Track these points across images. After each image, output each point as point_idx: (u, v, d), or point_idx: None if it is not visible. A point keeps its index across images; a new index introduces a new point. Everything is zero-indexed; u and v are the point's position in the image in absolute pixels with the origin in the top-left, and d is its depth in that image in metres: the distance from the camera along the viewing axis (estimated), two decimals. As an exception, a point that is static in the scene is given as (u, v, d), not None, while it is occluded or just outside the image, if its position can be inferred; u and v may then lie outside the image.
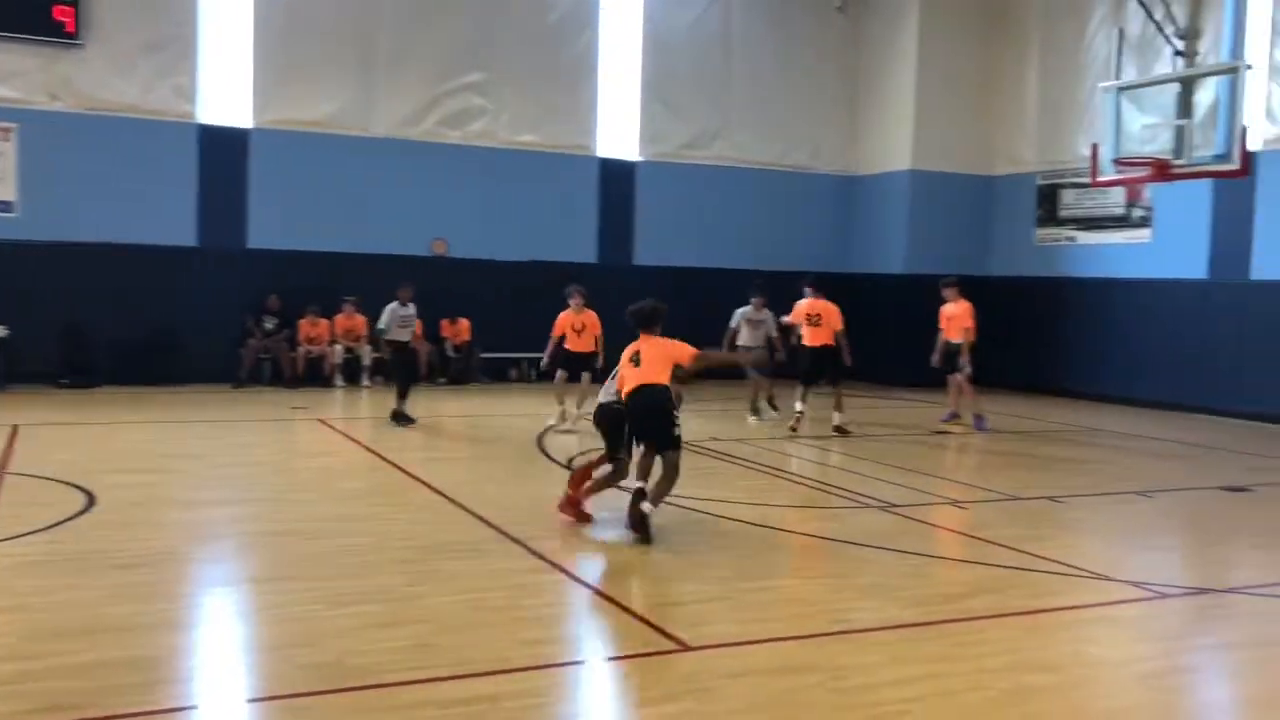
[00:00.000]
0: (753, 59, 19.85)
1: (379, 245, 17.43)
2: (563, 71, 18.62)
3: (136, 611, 5.65)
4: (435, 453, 11.29)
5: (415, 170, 17.73)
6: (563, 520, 7.93)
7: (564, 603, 6.26)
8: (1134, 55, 16.37)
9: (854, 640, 5.52)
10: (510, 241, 18.29)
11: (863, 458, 11.35)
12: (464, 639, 5.34)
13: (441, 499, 8.74)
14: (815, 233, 20.50)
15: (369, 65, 17.46)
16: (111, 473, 9.31)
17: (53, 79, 15.78)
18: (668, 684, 4.91)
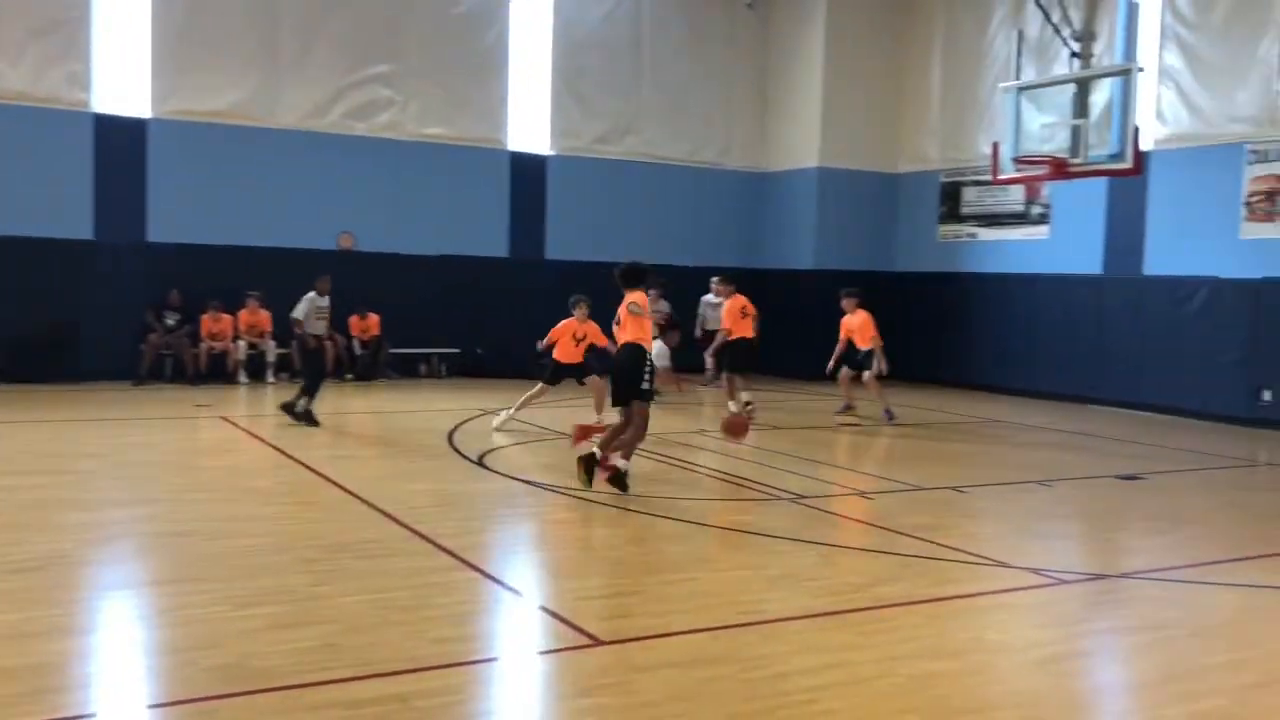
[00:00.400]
0: (664, 54, 19.92)
1: (284, 239, 17.09)
2: (472, 64, 18.45)
3: (28, 618, 5.46)
4: (342, 450, 11.11)
5: (321, 163, 17.41)
6: (607, 483, 8.72)
7: (475, 600, 6.21)
8: (1033, 56, 16.82)
9: (765, 630, 5.58)
10: (420, 236, 18.08)
11: (773, 450, 11.48)
12: (372, 638, 5.27)
13: (349, 497, 8.61)
14: (726, 228, 20.67)
15: (273, 55, 17.08)
16: (2, 474, 8.97)
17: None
18: (581, 679, 4.91)
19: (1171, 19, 15.61)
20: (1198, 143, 15.36)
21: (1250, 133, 14.75)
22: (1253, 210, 14.80)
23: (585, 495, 8.78)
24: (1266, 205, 14.64)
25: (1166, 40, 15.70)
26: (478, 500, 8.94)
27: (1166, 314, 15.70)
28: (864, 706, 4.61)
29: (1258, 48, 14.62)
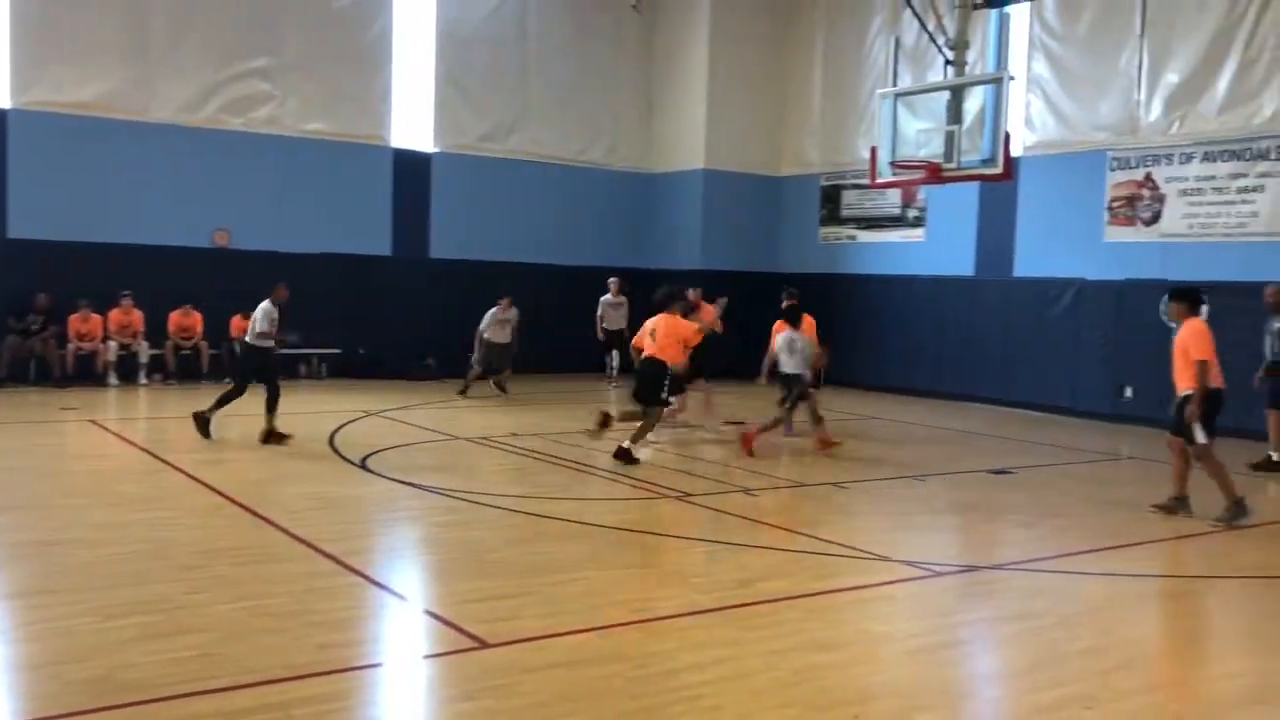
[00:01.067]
0: (550, 53, 19.87)
1: (158, 237, 16.52)
2: (354, 58, 18.12)
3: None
4: (219, 453, 10.79)
5: (197, 158, 16.89)
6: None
7: (358, 605, 6.10)
8: (910, 63, 17.32)
9: (651, 628, 5.62)
10: (300, 233, 17.67)
11: (660, 449, 11.55)
12: (251, 646, 5.14)
13: (225, 501, 8.38)
14: (612, 229, 20.73)
15: (145, 46, 16.49)
16: None
17: None
18: (467, 682, 4.86)
19: (1040, 30, 16.24)
20: (1064, 150, 16.01)
21: (1112, 140, 15.44)
22: (1115, 215, 15.49)
23: (470, 498, 8.71)
24: (1127, 210, 15.34)
25: (1035, 50, 16.32)
26: (360, 504, 8.79)
27: (1035, 314, 16.31)
28: (749, 700, 4.67)
29: (1119, 60, 15.30)
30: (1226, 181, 14.25)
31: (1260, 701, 4.95)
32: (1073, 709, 4.73)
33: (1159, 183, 14.97)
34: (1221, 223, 14.34)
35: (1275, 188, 13.80)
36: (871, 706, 4.69)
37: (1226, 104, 14.22)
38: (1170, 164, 14.84)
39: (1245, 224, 14.09)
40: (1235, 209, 14.20)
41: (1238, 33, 14.09)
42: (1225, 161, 14.27)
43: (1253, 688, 5.13)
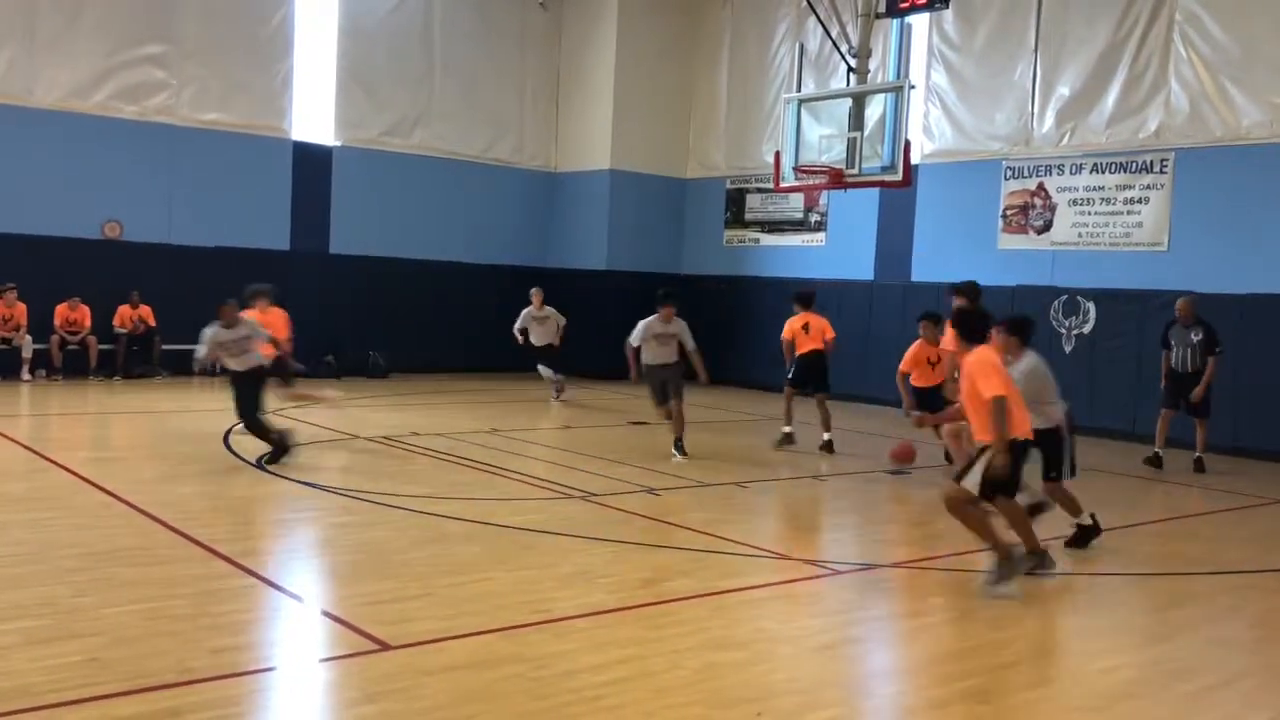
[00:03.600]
0: (456, 48, 19.69)
1: (43, 227, 15.90)
2: (254, 48, 17.70)
3: None
4: (107, 451, 10.44)
5: (86, 146, 16.31)
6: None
7: (255, 608, 5.96)
8: (813, 70, 17.58)
9: (554, 629, 5.60)
10: (195, 226, 17.19)
11: (565, 449, 11.53)
12: (142, 650, 4.98)
13: (115, 501, 8.11)
14: (517, 227, 20.62)
15: (31, 28, 15.87)
16: None
17: None
18: (366, 685, 4.79)
19: (939, 40, 16.65)
20: (961, 158, 16.45)
21: (1007, 150, 15.91)
22: (1008, 222, 15.96)
23: (371, 499, 8.58)
24: (1020, 218, 15.82)
25: (934, 60, 16.72)
26: (256, 504, 8.59)
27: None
28: (651, 700, 4.69)
29: (1014, 72, 15.77)
30: (1114, 192, 14.80)
31: (1133, 696, 5.15)
32: (968, 704, 4.86)
33: (1051, 192, 15.47)
34: (1108, 232, 14.88)
35: (1158, 200, 14.37)
36: (773, 704, 4.75)
37: (1114, 117, 14.77)
38: (1062, 174, 15.35)
39: (1130, 234, 14.64)
40: (1121, 219, 14.75)
41: (1124, 50, 14.64)
42: (1113, 173, 14.81)
43: (1132, 680, 5.33)
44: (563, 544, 7.44)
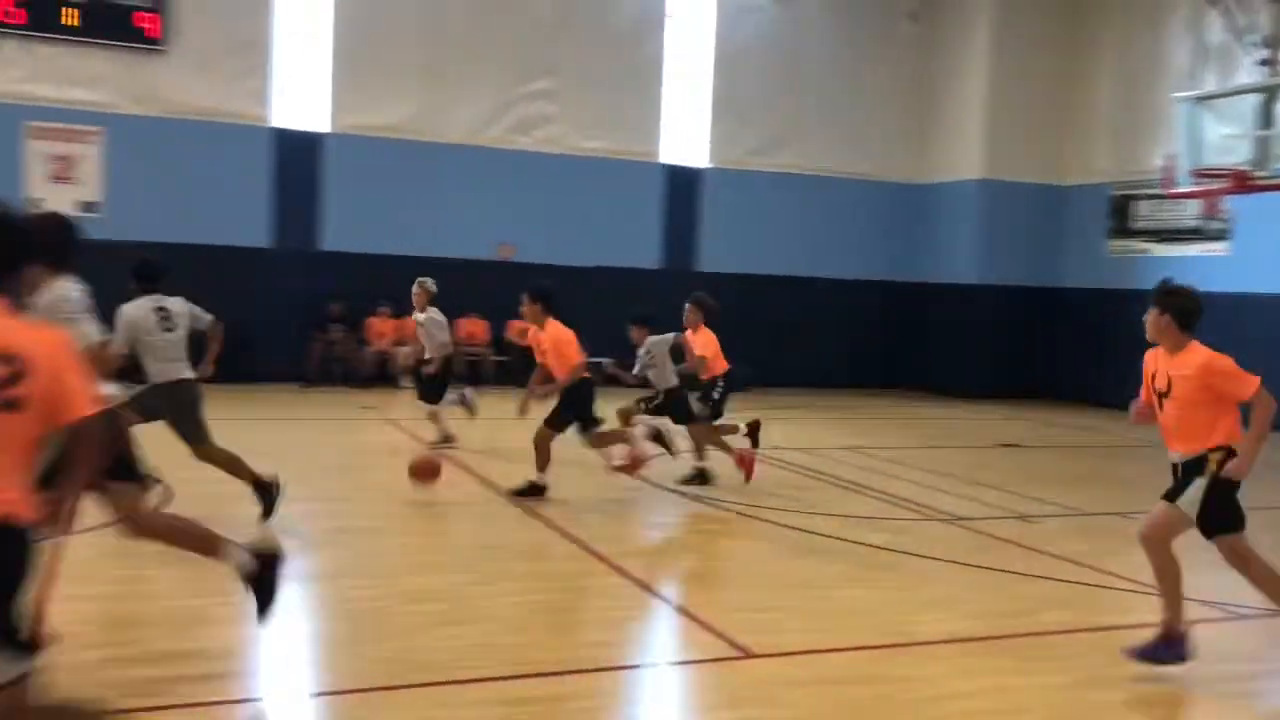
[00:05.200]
0: (823, 66, 19.79)
1: (449, 249, 17.65)
2: (630, 77, 18.73)
3: (206, 604, 5.79)
4: (498, 452, 11.36)
5: (485, 176, 17.95)
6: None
7: (626, 606, 6.28)
8: (1213, 64, 16.03)
9: (918, 652, 5.48)
10: (576, 247, 18.39)
11: (930, 469, 11.23)
12: (527, 638, 5.40)
13: (498, 498, 8.82)
14: (883, 241, 20.36)
15: (441, 72, 17.71)
16: (187, 467, 9.51)
17: (136, 84, 16.23)
18: (730, 690, 4.91)
19: (1370, 23, 14.65)
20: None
21: None
22: None
23: (735, 509, 8.78)
24: None
25: (1364, 45, 14.73)
26: (628, 508, 9.03)
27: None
28: (1023, 735, 4.48)
29: None
30: None
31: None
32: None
33: None
34: None
35: None
36: (1160, 753, 4.38)
37: None
38: None
39: None
40: None
41: None
42: None
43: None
44: (926, 567, 7.26)
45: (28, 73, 15.75)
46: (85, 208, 16.11)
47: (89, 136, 16.07)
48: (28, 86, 15.76)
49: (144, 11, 16.06)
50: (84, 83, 15.99)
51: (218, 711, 4.45)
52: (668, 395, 9.78)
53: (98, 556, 6.62)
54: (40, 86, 15.81)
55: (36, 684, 3.22)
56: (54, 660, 4.73)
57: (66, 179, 16.01)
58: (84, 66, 15.97)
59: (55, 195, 15.93)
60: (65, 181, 16.01)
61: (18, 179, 15.70)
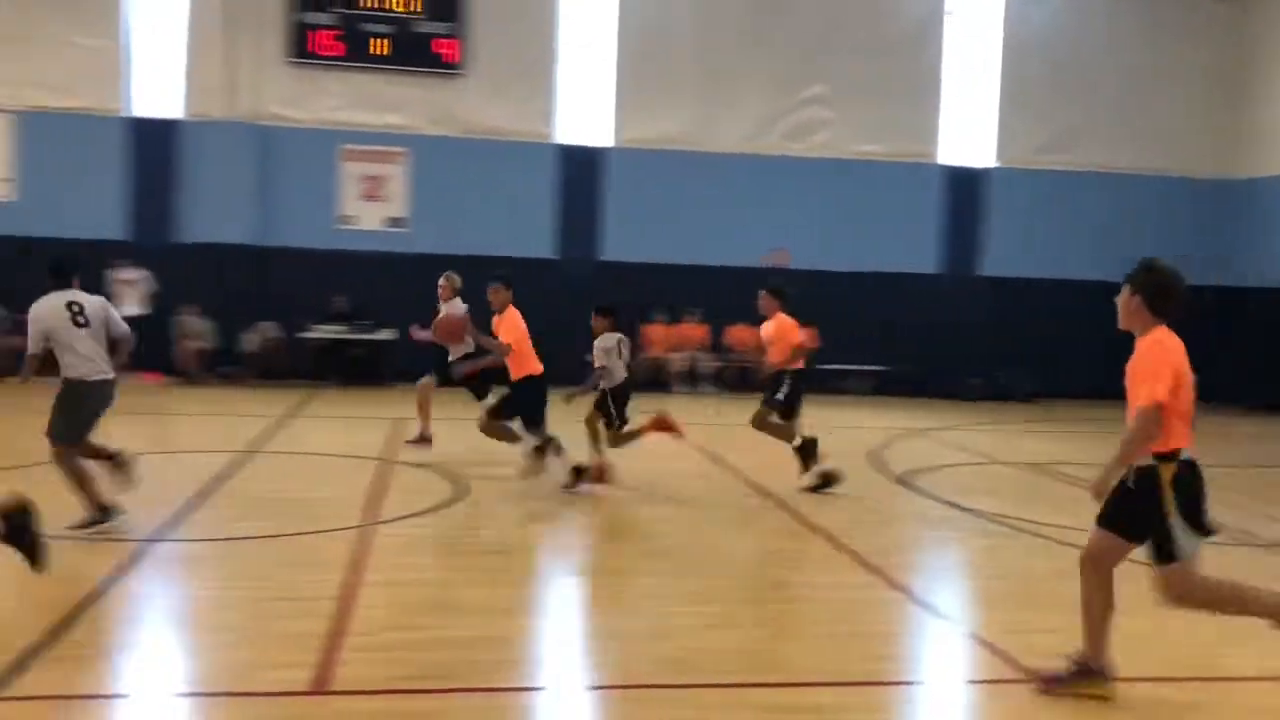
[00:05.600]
0: (1117, 57, 18.60)
1: (723, 258, 17.86)
2: (906, 77, 18.30)
3: (499, 594, 6.14)
4: (771, 459, 11.37)
5: (757, 183, 18.05)
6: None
7: (900, 621, 6.14)
8: None
9: (1225, 689, 5.04)
10: (846, 252, 18.13)
11: (1244, 491, 10.29)
12: (801, 648, 5.39)
13: (773, 506, 8.83)
14: (1189, 242, 18.84)
15: (715, 84, 17.97)
16: (479, 464, 10.12)
17: (436, 107, 17.44)
18: (1014, 714, 4.70)
19: None
20: None
21: None
22: None
23: (1012, 524, 8.39)
24: None
25: None
26: (902, 520, 8.83)
27: None
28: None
29: None
30: None
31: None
32: None
33: None
34: None
35: None
36: None
37: None
38: None
39: None
40: None
41: None
42: None
43: None
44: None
45: (343, 100, 17.27)
46: (392, 223, 17.50)
47: (395, 157, 17.42)
48: (343, 113, 17.28)
49: (444, 39, 17.24)
50: (391, 107, 17.35)
51: (502, 697, 4.71)
52: (612, 392, 9.52)
53: (395, 548, 7.16)
54: (354, 113, 17.29)
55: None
56: (354, 641, 5.18)
57: (376, 197, 17.43)
58: (392, 92, 17.32)
59: (366, 212, 17.43)
60: (375, 199, 17.43)
61: (333, 198, 17.28)
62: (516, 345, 9.12)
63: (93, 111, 16.55)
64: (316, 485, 9.12)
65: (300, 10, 16.92)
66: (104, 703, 4.58)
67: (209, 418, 13.20)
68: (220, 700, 4.59)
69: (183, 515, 7.74)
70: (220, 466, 9.42)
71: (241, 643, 5.21)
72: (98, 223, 16.35)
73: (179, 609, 5.91)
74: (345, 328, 16.64)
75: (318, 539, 7.27)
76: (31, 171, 16.50)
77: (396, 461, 10.27)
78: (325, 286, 16.65)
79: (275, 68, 17.01)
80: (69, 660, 4.81)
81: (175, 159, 16.86)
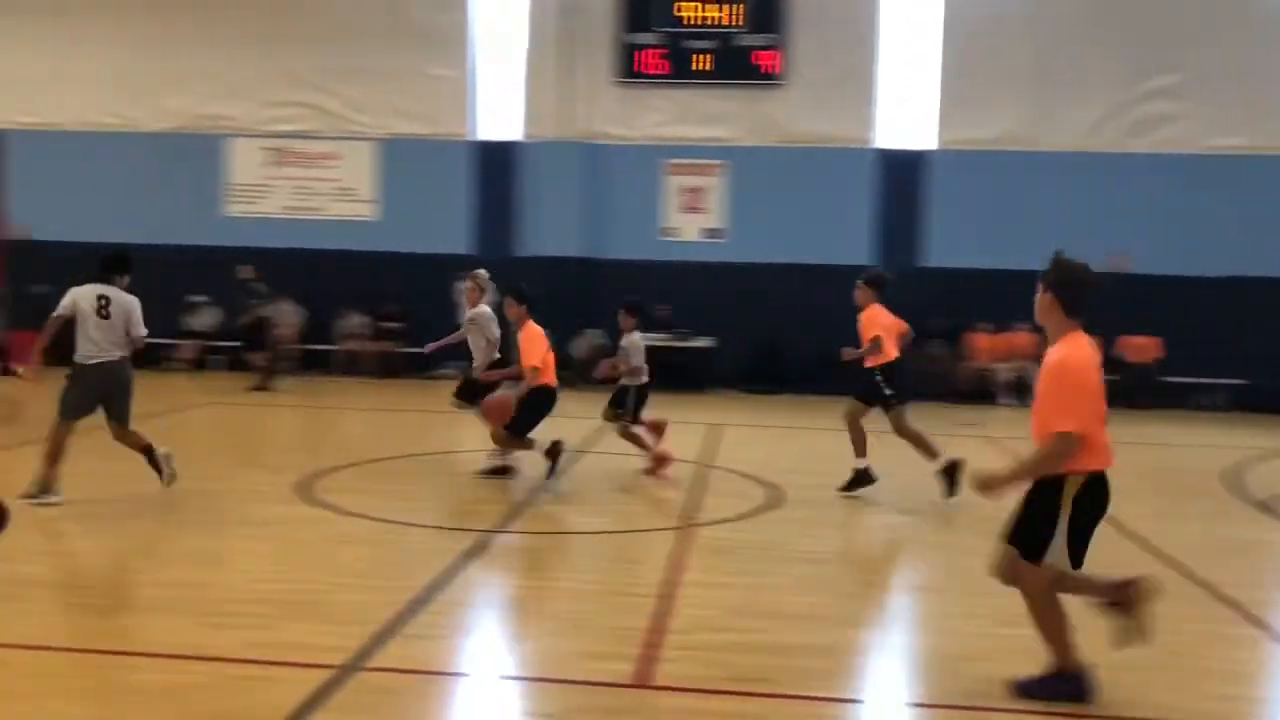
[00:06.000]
0: None
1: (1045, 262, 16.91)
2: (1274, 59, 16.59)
3: (817, 603, 6.10)
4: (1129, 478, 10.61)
5: (1093, 182, 16.93)
6: None
7: (1258, 659, 5.55)
8: None
9: None
10: (1200, 255, 16.61)
11: None
12: (1141, 680, 4.99)
13: (1115, 528, 8.22)
14: None
15: (1047, 79, 17.04)
16: (796, 472, 10.12)
17: (756, 118, 17.65)
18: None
19: None
20: None
21: None
22: None
23: None
24: None
25: None
26: (1261, 550, 7.98)
27: None
28: None
29: None
30: None
31: None
32: None
33: None
34: None
35: None
36: None
37: None
38: None
39: None
40: None
41: None
42: None
43: None
44: None
45: (667, 116, 17.86)
46: (710, 234, 17.88)
47: (715, 169, 17.79)
48: (666, 129, 17.86)
49: (764, 50, 17.43)
50: (712, 120, 17.74)
51: (821, 707, 4.67)
52: (637, 389, 9.65)
53: (714, 550, 7.28)
54: (677, 128, 17.84)
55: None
56: (675, 639, 5.31)
57: (696, 209, 17.87)
58: (712, 106, 17.72)
59: (687, 224, 17.93)
60: (695, 211, 17.88)
61: (657, 211, 17.89)
62: (542, 366, 8.93)
63: (443, 137, 18.05)
64: (636, 486, 9.43)
65: (628, 32, 17.66)
66: (449, 679, 4.96)
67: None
68: (547, 686, 4.84)
69: (522, 509, 8.27)
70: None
71: (568, 632, 5.48)
72: (447, 239, 17.78)
73: (513, 597, 6.30)
74: (666, 335, 17.17)
75: (639, 538, 7.53)
76: (391, 193, 18.22)
77: (714, 466, 10.45)
78: (648, 296, 17.22)
79: (604, 89, 17.85)
80: (419, 639, 5.25)
81: (514, 178, 18.07)
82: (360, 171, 18.29)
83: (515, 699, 4.81)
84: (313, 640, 5.05)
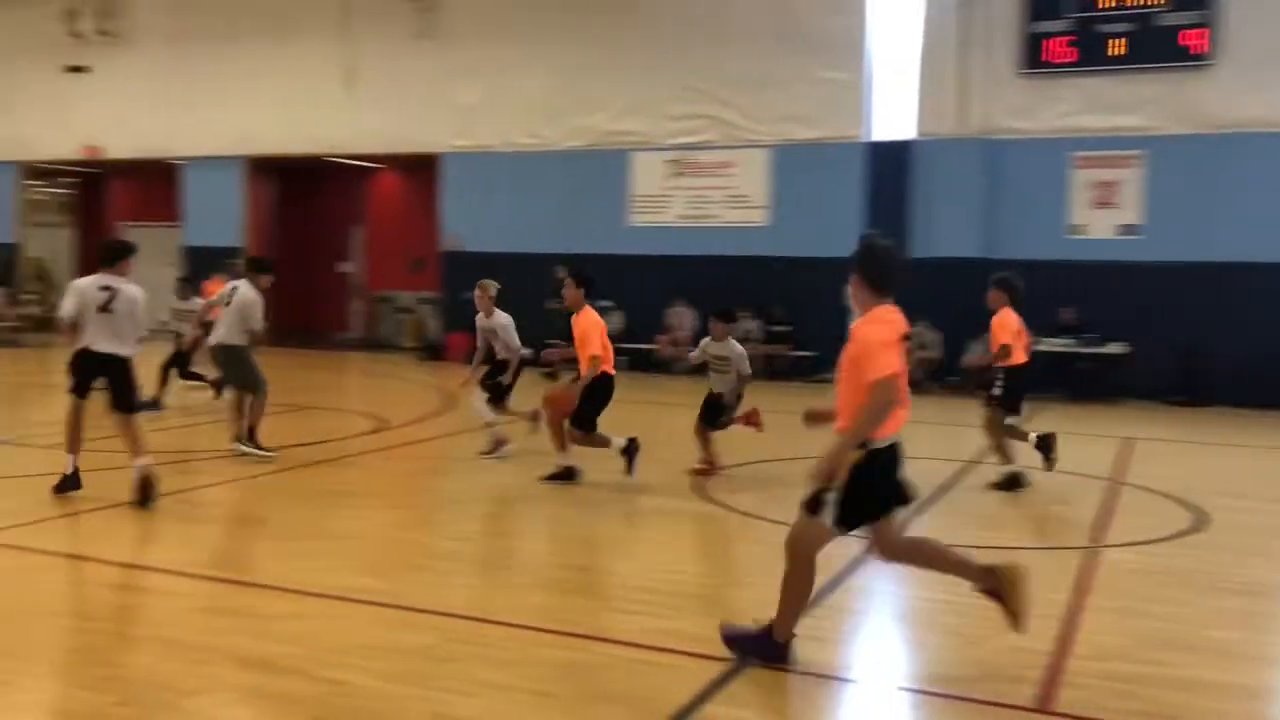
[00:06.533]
0: None
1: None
2: None
3: (1242, 639, 5.47)
4: None
5: None
6: None
7: None
8: None
9: None
10: None
11: None
12: None
13: None
14: None
15: None
16: (1223, 495, 9.12)
17: (1179, 103, 16.09)
18: None
19: None
20: None
21: None
22: None
23: None
24: None
25: None
26: None
27: None
28: None
29: None
30: None
31: None
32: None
33: None
34: None
35: None
36: None
37: None
38: None
39: None
40: None
41: None
42: None
43: None
44: None
45: (1075, 106, 16.73)
46: (1124, 230, 16.54)
47: (1130, 161, 16.42)
48: (1073, 120, 16.73)
49: (1191, 29, 15.87)
50: (1125, 109, 16.39)
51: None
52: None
53: (1125, 574, 6.70)
54: (1084, 118, 16.66)
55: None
56: (1079, 665, 4.93)
57: (1108, 204, 16.60)
58: (1127, 93, 16.37)
59: (1096, 220, 16.70)
60: (1106, 206, 16.61)
61: (1061, 208, 16.80)
62: (603, 353, 8.58)
63: (835, 140, 18.01)
64: (1040, 503, 8.90)
65: (1033, 21, 16.76)
66: (838, 684, 4.91)
67: (933, 426, 13.60)
68: (940, 700, 4.66)
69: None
70: (944, 475, 9.62)
71: (964, 647, 5.26)
72: (836, 243, 17.68)
73: (905, 608, 6.14)
74: (1073, 340, 16.10)
75: (1042, 555, 7.09)
76: (782, 198, 18.44)
77: (1126, 483, 9.65)
78: (1052, 298, 16.19)
79: (1006, 81, 17.04)
80: (809, 640, 5.23)
81: (908, 178, 17.68)
82: (754, 178, 18.67)
83: (906, 711, 4.67)
84: (707, 633, 5.18)
